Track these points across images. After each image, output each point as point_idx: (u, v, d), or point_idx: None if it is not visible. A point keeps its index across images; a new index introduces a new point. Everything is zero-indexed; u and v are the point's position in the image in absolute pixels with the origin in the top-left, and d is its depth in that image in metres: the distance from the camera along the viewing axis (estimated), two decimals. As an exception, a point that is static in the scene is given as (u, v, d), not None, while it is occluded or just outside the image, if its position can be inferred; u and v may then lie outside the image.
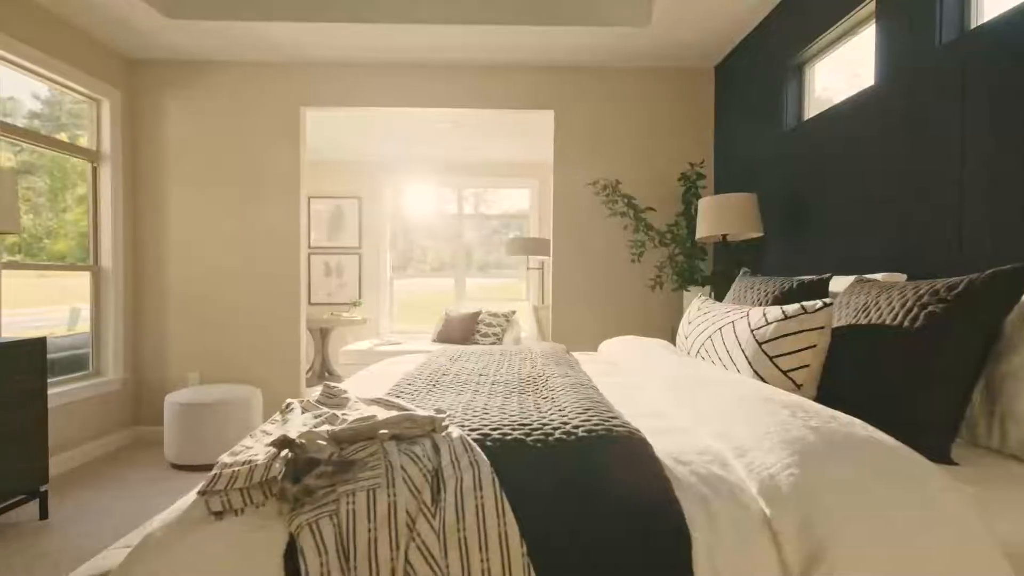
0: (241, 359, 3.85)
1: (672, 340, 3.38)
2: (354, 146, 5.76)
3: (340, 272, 6.43)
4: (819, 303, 1.47)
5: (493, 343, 5.62)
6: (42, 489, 2.61)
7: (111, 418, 3.62)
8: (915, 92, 2.00)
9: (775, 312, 1.56)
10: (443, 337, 5.72)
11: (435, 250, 6.88)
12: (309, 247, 6.19)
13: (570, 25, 3.22)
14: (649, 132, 3.81)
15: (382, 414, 1.17)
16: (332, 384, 1.57)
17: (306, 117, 3.92)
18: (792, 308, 1.52)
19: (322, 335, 5.94)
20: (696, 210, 3.54)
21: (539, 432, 1.11)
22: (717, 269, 3.34)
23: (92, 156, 3.55)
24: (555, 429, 1.12)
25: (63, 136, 3.44)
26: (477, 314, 5.78)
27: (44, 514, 2.63)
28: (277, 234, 3.83)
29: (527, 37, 3.37)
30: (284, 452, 1.02)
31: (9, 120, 3.01)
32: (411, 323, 6.73)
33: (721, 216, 2.85)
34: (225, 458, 1.05)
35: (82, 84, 3.33)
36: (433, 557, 0.87)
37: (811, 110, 2.90)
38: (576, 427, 1.12)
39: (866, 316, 1.42)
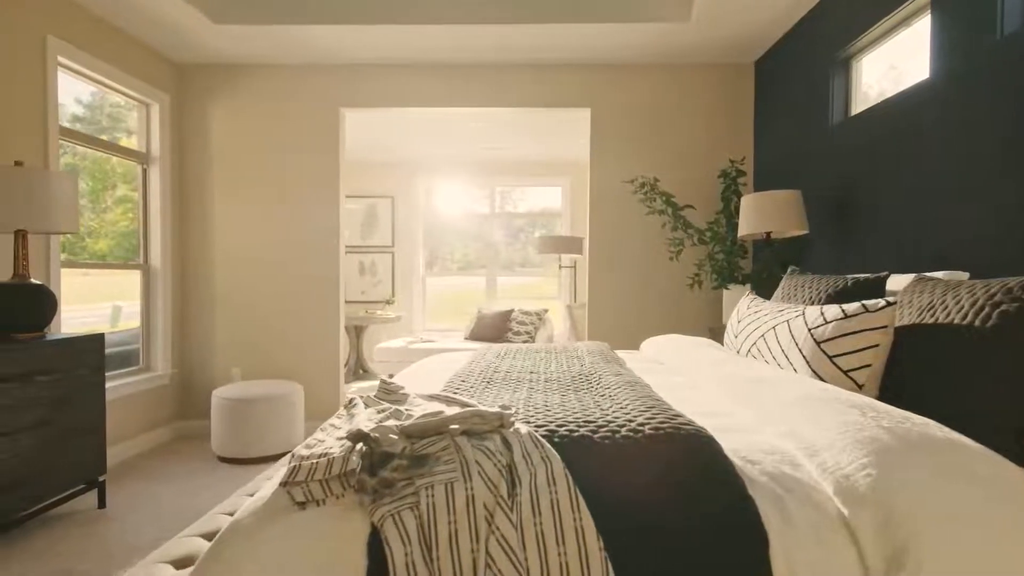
0: (282, 356, 3.94)
1: (711, 338, 3.35)
2: (388, 146, 5.83)
3: (374, 270, 6.52)
4: (882, 302, 1.44)
5: (525, 341, 5.64)
6: (100, 479, 2.72)
7: (160, 412, 3.74)
8: (974, 85, 1.95)
9: (833, 311, 1.54)
10: (476, 335, 5.76)
11: (464, 249, 6.92)
12: (344, 246, 6.28)
13: (609, 22, 3.21)
14: (688, 129, 3.77)
15: (446, 410, 1.19)
16: (389, 380, 1.60)
17: (345, 118, 3.98)
18: (853, 307, 1.50)
19: (357, 333, 6.03)
20: (736, 207, 3.51)
21: (605, 429, 1.12)
22: (758, 267, 3.29)
23: (142, 158, 3.67)
24: (621, 427, 1.13)
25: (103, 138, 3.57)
26: (510, 312, 5.80)
27: (102, 503, 2.73)
28: (317, 233, 3.91)
29: (564, 35, 3.37)
30: (359, 446, 1.05)
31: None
32: (442, 321, 6.79)
33: (765, 213, 2.81)
34: (301, 451, 1.09)
35: (134, 89, 3.44)
36: (512, 550, 0.88)
37: (858, 105, 2.84)
38: (642, 425, 1.13)
39: (931, 315, 1.39)
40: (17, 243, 2.45)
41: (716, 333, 3.34)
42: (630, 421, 1.15)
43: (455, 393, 1.52)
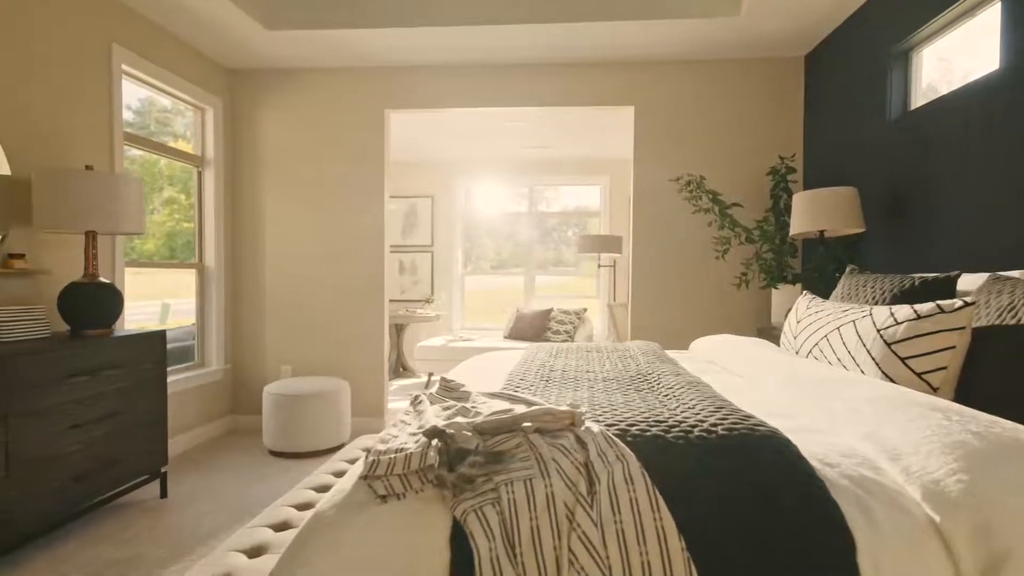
0: (329, 353, 4.03)
1: (759, 339, 3.29)
2: (428, 146, 5.89)
3: (414, 270, 6.60)
4: (959, 302, 1.39)
5: (564, 340, 5.63)
6: (162, 470, 2.83)
7: (214, 406, 3.87)
8: (1052, 76, 1.86)
9: (905, 311, 1.49)
10: (515, 334, 5.77)
11: (502, 247, 6.94)
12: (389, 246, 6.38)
13: (655, 19, 3.18)
14: (735, 126, 3.71)
15: (515, 408, 1.21)
16: (449, 379, 1.62)
17: (390, 120, 4.04)
18: (926, 307, 1.45)
19: (397, 331, 6.11)
20: (786, 205, 3.44)
21: (677, 429, 1.11)
22: (810, 266, 3.22)
23: (197, 161, 3.80)
24: (692, 427, 1.12)
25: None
26: (548, 311, 5.80)
27: (164, 493, 2.84)
28: (362, 234, 3.98)
29: (607, 33, 3.35)
30: (434, 442, 1.07)
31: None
32: (479, 320, 6.83)
33: (819, 211, 2.74)
34: (378, 446, 1.11)
35: (190, 94, 3.57)
36: (594, 547, 0.89)
37: (918, 99, 2.74)
38: (714, 425, 1.12)
39: (1013, 316, 1.34)
40: (88, 243, 2.56)
41: (764, 333, 3.28)
42: (701, 422, 1.15)
43: (515, 391, 1.53)
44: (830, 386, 1.39)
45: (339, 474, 2.05)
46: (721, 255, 3.50)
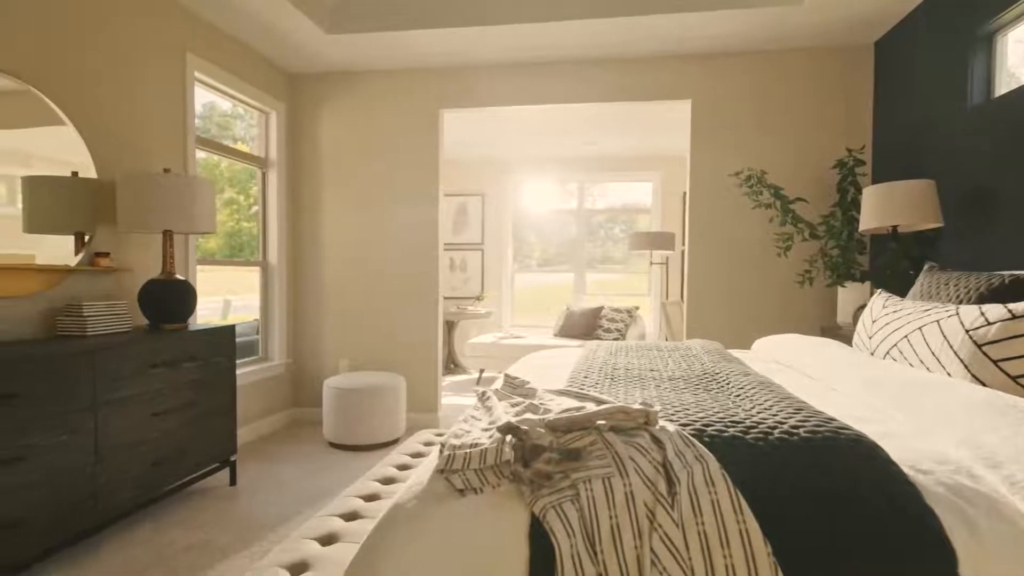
0: (385, 349, 4.12)
1: (827, 338, 3.16)
2: (479, 144, 5.94)
3: (464, 267, 6.67)
4: (1061, 301, 1.30)
5: (616, 339, 5.57)
6: (232, 459, 2.96)
7: (276, 399, 4.02)
8: None
9: (997, 311, 1.40)
10: (565, 332, 5.76)
11: (551, 245, 6.93)
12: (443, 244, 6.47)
13: (716, 10, 3.09)
14: (798, 118, 3.57)
15: (587, 406, 1.20)
16: (513, 375, 1.63)
17: (444, 119, 4.09)
18: (1022, 306, 1.36)
19: (448, 328, 6.19)
20: (853, 199, 3.29)
21: (756, 431, 1.08)
22: (880, 263, 3.07)
23: (261, 163, 3.95)
24: (772, 428, 1.09)
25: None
26: (599, 309, 5.75)
27: (233, 481, 2.97)
28: (416, 232, 4.05)
29: (664, 26, 3.28)
30: (508, 437, 1.08)
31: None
32: (527, 317, 6.84)
33: (893, 205, 2.61)
34: (452, 440, 1.13)
35: (255, 99, 3.71)
36: (676, 548, 0.88)
37: (1003, 85, 2.58)
38: (795, 428, 1.09)
39: (1124, 316, 1.24)
40: (165, 242, 2.71)
41: (829, 333, 3.15)
42: (780, 423, 1.11)
43: (581, 389, 1.53)
44: (916, 389, 1.32)
45: (402, 467, 2.09)
46: (783, 252, 3.39)
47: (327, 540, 1.54)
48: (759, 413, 1.19)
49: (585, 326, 5.66)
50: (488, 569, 0.91)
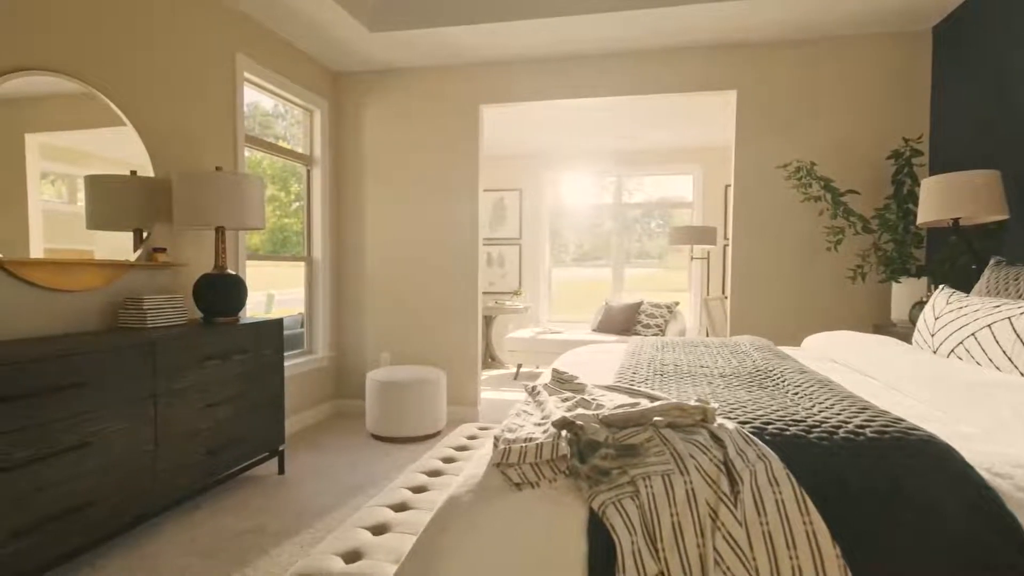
0: (425, 343, 4.16)
1: (881, 336, 3.05)
2: (517, 140, 5.93)
3: (502, 262, 6.68)
4: None
5: (655, 334, 5.50)
6: (280, 448, 3.04)
7: (321, 390, 4.11)
8: None
9: (1078, 308, 1.33)
10: (604, 327, 5.71)
11: (587, 240, 6.88)
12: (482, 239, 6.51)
13: (764, -3, 3.01)
14: (849, 108, 3.45)
15: (642, 402, 1.19)
16: (561, 370, 1.62)
17: (484, 114, 4.10)
18: (1106, 303, 1.28)
19: (486, 322, 6.22)
20: (910, 191, 3.16)
21: (819, 430, 1.05)
22: (939, 257, 2.94)
23: (306, 160, 4.03)
24: (836, 428, 1.06)
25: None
26: (638, 304, 5.69)
27: (281, 470, 3.06)
28: (457, 227, 4.07)
29: (708, 16, 3.21)
30: (563, 432, 1.08)
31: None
32: (564, 312, 6.82)
33: (955, 197, 2.49)
34: (506, 435, 1.14)
35: (300, 97, 3.79)
36: (740, 548, 0.86)
37: (1078, 68, 2.43)
38: (860, 427, 1.05)
39: None
40: (217, 238, 2.79)
41: (882, 330, 3.04)
42: (845, 423, 1.08)
43: (630, 385, 1.51)
44: (987, 389, 1.26)
45: (447, 460, 2.12)
46: (833, 246, 3.28)
47: (378, 530, 1.57)
48: (821, 412, 1.15)
49: (624, 321, 5.61)
50: (546, 563, 0.91)
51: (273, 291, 4.69)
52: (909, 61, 3.37)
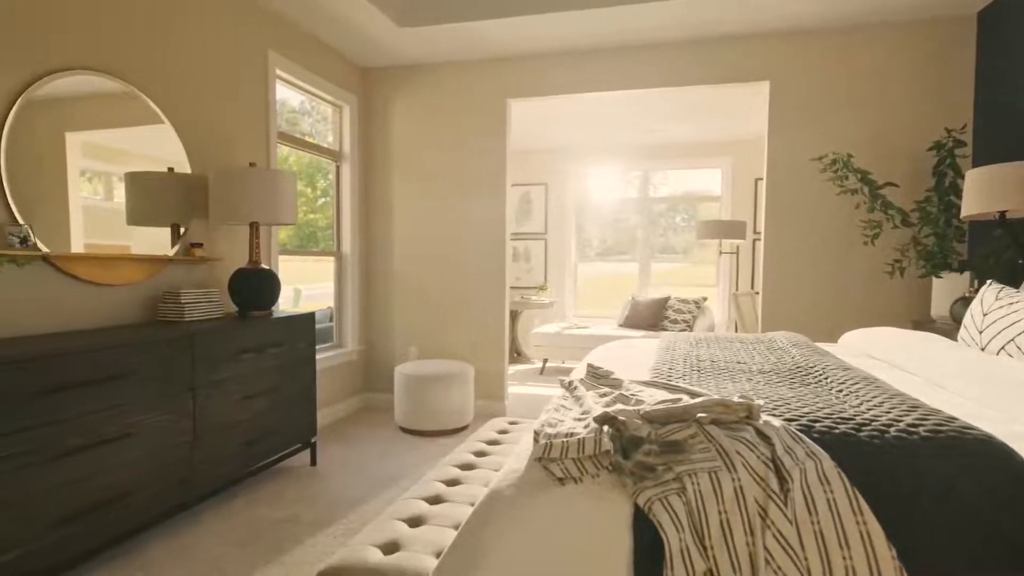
0: (452, 337, 4.18)
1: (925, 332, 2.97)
2: (544, 134, 5.90)
3: (527, 257, 6.67)
4: None
5: (683, 330, 5.44)
6: (312, 440, 3.09)
7: (350, 384, 4.16)
8: None
9: None
10: (630, 322, 5.67)
11: (607, 234, 6.82)
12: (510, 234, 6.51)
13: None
14: (888, 97, 3.35)
15: (684, 398, 1.17)
16: (596, 365, 1.61)
17: (511, 109, 4.08)
18: None
19: (511, 317, 6.22)
20: (952, 183, 3.07)
21: (869, 428, 1.03)
22: (984, 251, 2.84)
23: (335, 156, 4.07)
24: (887, 426, 1.03)
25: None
26: (666, 300, 5.63)
27: (313, 461, 3.11)
28: (484, 222, 4.07)
29: (739, 6, 3.14)
30: (605, 428, 1.07)
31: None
32: (589, 307, 6.79)
33: (1002, 189, 2.41)
34: (547, 429, 1.13)
35: (330, 93, 3.83)
36: (791, 547, 0.84)
37: None
38: (912, 426, 1.02)
39: None
40: (251, 233, 2.84)
41: (922, 326, 2.96)
42: (895, 421, 1.05)
43: (668, 381, 1.50)
44: (1044, 388, 1.22)
45: (479, 454, 2.12)
46: (870, 240, 3.20)
47: (414, 522, 1.58)
48: (870, 410, 1.12)
49: (651, 317, 5.56)
50: (591, 558, 0.91)
51: (300, 286, 4.75)
52: (952, 48, 3.26)
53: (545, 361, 5.64)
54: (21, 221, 2.04)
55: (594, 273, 6.87)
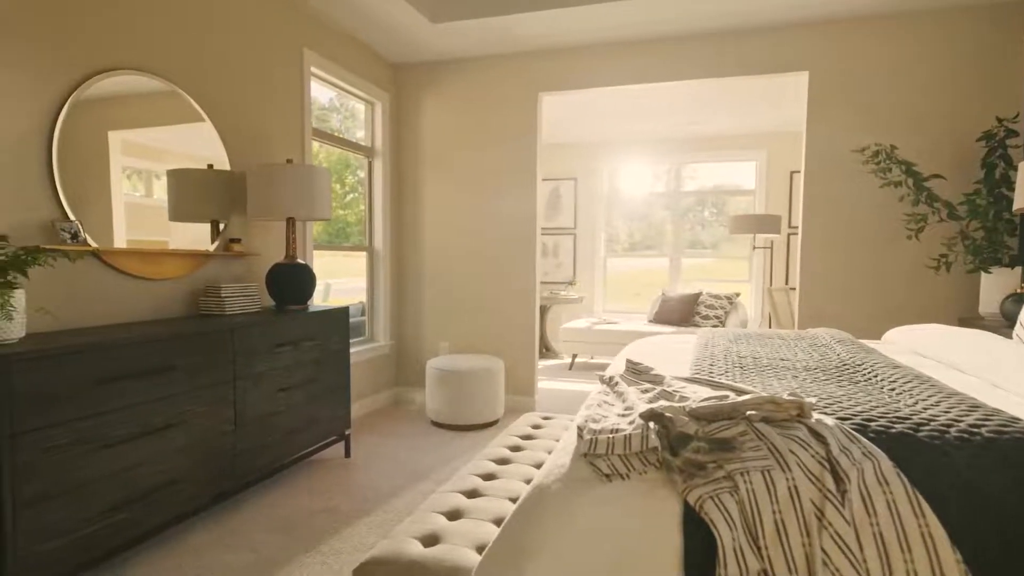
0: (482, 331, 4.19)
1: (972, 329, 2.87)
2: (574, 128, 5.87)
3: (556, 252, 6.65)
4: None
5: (715, 326, 5.36)
6: (347, 432, 3.13)
7: (381, 377, 4.21)
8: None
9: None
10: (660, 318, 5.61)
11: (639, 229, 6.75)
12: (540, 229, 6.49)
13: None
14: (933, 87, 3.23)
15: (731, 396, 1.15)
16: (635, 361, 1.60)
17: (543, 103, 4.06)
18: None
19: (540, 312, 6.21)
20: (1002, 174, 2.95)
21: (928, 428, 0.99)
22: (1035, 246, 2.74)
23: (368, 152, 4.11)
24: (947, 427, 0.99)
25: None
26: (697, 295, 5.56)
27: (348, 453, 3.15)
28: (514, 217, 4.07)
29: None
30: (651, 424, 1.06)
31: (315, 125, 3.59)
32: (619, 303, 6.73)
33: (1059, 181, 2.31)
34: (591, 425, 1.12)
35: (363, 90, 3.86)
36: (850, 549, 0.82)
37: None
38: (974, 427, 0.99)
39: None
40: (288, 229, 2.88)
41: (969, 323, 2.86)
42: (955, 421, 1.01)
43: (710, 377, 1.47)
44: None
45: (514, 449, 2.12)
46: (914, 234, 3.10)
47: (453, 515, 1.59)
48: (926, 410, 1.09)
49: (682, 312, 5.49)
50: (640, 556, 0.90)
51: (329, 280, 4.82)
52: (1003, 34, 3.13)
53: (574, 357, 5.63)
54: (72, 217, 2.11)
55: (622, 268, 6.81)
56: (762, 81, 3.67)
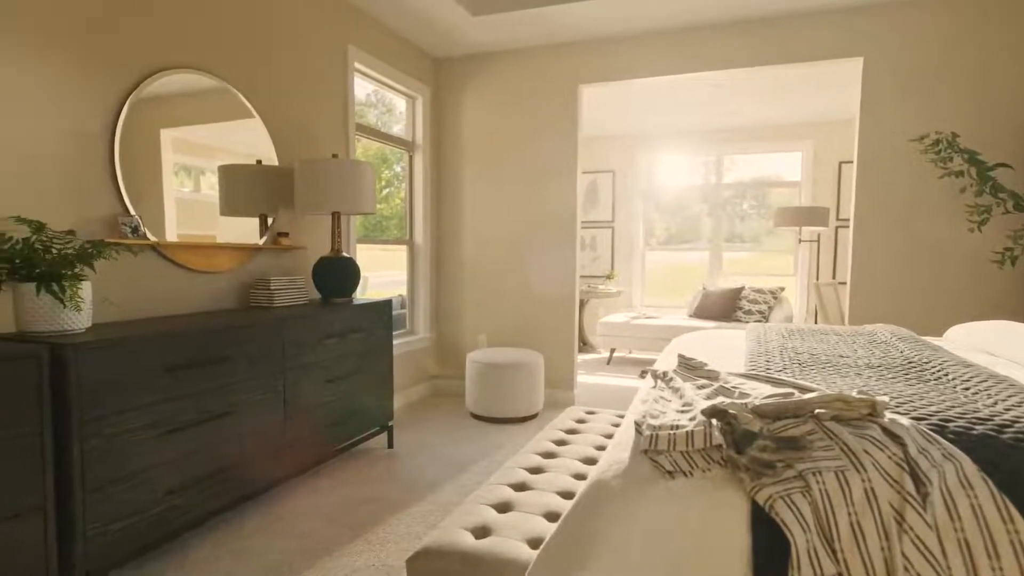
0: (521, 325, 4.19)
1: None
2: (613, 120, 5.79)
3: (594, 245, 6.59)
4: None
5: (758, 321, 5.24)
6: (389, 424, 3.18)
7: (421, 370, 4.26)
8: None
9: None
10: (701, 313, 5.52)
11: (675, 222, 6.63)
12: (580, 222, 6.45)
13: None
14: (996, 70, 3.06)
15: (796, 393, 1.12)
16: (688, 356, 1.57)
17: (583, 95, 4.02)
18: None
19: (578, 306, 6.18)
20: (1076, 164, 2.78)
21: (1012, 430, 0.94)
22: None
23: (409, 146, 4.14)
24: (1033, 428, 0.94)
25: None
26: (739, 290, 5.43)
27: (390, 444, 3.20)
28: (554, 210, 4.04)
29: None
30: (714, 421, 1.03)
31: (357, 120, 3.63)
32: (658, 297, 6.64)
33: None
34: (649, 420, 1.11)
35: (405, 85, 3.89)
36: (932, 555, 0.79)
37: None
38: (1064, 429, 0.93)
39: None
40: (334, 223, 2.93)
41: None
42: (1042, 423, 0.96)
43: (767, 374, 1.43)
44: None
45: (559, 443, 2.12)
46: (977, 227, 2.95)
47: (502, 508, 1.60)
48: (1008, 410, 1.03)
49: (723, 307, 5.38)
50: (705, 554, 0.88)
51: (367, 273, 4.89)
52: (1078, 13, 2.94)
53: (612, 351, 5.58)
54: (132, 212, 2.19)
55: (661, 262, 6.71)
56: (809, 68, 3.55)
